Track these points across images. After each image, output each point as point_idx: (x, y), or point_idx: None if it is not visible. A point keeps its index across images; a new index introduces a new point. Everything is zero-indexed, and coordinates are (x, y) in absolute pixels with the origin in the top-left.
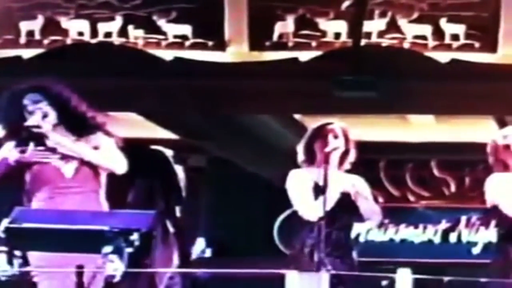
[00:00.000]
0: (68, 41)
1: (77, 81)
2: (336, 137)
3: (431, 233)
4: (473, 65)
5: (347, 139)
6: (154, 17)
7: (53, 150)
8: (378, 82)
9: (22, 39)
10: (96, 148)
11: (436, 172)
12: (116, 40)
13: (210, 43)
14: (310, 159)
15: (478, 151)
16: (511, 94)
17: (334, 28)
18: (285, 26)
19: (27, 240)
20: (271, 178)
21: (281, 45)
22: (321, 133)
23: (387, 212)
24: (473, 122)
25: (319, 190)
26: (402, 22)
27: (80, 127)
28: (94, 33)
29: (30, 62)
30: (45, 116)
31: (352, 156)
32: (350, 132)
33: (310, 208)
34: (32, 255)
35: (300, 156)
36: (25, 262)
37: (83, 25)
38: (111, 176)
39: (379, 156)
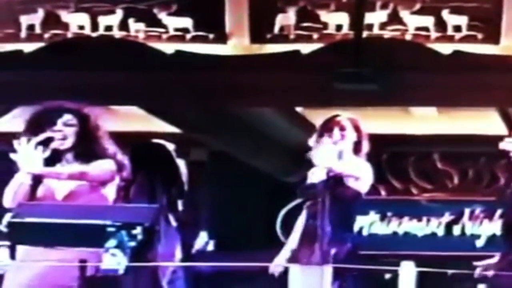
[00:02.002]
0: (69, 35)
1: (78, 75)
2: (342, 129)
3: (434, 225)
4: (475, 56)
5: (358, 130)
6: (155, 10)
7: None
8: (380, 74)
9: (23, 33)
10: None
11: (439, 164)
12: (116, 33)
13: (211, 36)
14: None
15: (481, 143)
16: None
17: (335, 20)
18: (286, 18)
19: (30, 234)
20: (273, 172)
21: (282, 38)
22: (328, 126)
23: (390, 205)
24: (476, 114)
25: None
26: (404, 14)
27: (91, 157)
28: (94, 26)
29: (31, 56)
30: (64, 138)
31: (365, 147)
32: (360, 123)
33: None
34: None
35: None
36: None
37: (84, 19)
38: None
39: (382, 149)
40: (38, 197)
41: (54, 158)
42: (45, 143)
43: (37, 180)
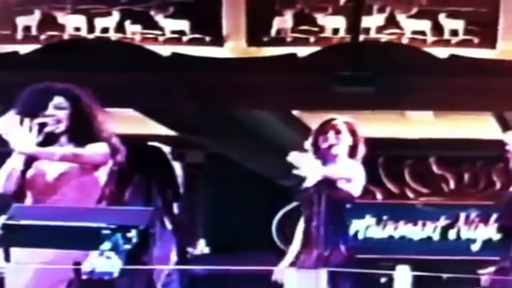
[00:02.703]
0: (65, 36)
1: (73, 76)
2: (338, 132)
3: (430, 230)
4: (472, 60)
5: (354, 134)
6: (152, 12)
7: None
8: (376, 77)
9: (19, 35)
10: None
11: (435, 168)
12: (113, 35)
13: (208, 38)
14: (318, 155)
15: (477, 147)
16: (510, 89)
17: (332, 23)
18: (283, 21)
19: (25, 236)
20: (270, 174)
21: (279, 41)
22: (323, 129)
23: (386, 209)
24: (472, 118)
25: None
26: (401, 18)
27: (86, 139)
28: (91, 28)
29: (27, 57)
30: (58, 122)
31: (361, 151)
32: (357, 127)
33: None
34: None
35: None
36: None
37: (80, 21)
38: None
39: (378, 152)
40: (28, 178)
41: (47, 143)
42: (39, 128)
43: (29, 165)
